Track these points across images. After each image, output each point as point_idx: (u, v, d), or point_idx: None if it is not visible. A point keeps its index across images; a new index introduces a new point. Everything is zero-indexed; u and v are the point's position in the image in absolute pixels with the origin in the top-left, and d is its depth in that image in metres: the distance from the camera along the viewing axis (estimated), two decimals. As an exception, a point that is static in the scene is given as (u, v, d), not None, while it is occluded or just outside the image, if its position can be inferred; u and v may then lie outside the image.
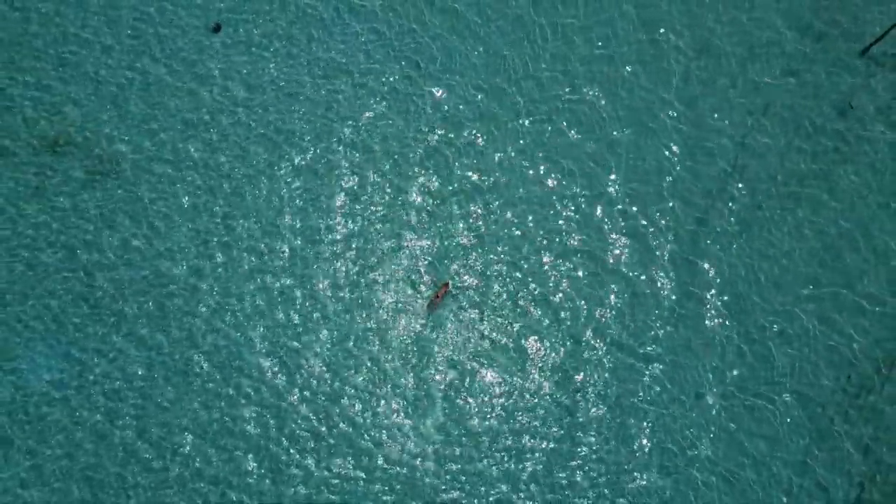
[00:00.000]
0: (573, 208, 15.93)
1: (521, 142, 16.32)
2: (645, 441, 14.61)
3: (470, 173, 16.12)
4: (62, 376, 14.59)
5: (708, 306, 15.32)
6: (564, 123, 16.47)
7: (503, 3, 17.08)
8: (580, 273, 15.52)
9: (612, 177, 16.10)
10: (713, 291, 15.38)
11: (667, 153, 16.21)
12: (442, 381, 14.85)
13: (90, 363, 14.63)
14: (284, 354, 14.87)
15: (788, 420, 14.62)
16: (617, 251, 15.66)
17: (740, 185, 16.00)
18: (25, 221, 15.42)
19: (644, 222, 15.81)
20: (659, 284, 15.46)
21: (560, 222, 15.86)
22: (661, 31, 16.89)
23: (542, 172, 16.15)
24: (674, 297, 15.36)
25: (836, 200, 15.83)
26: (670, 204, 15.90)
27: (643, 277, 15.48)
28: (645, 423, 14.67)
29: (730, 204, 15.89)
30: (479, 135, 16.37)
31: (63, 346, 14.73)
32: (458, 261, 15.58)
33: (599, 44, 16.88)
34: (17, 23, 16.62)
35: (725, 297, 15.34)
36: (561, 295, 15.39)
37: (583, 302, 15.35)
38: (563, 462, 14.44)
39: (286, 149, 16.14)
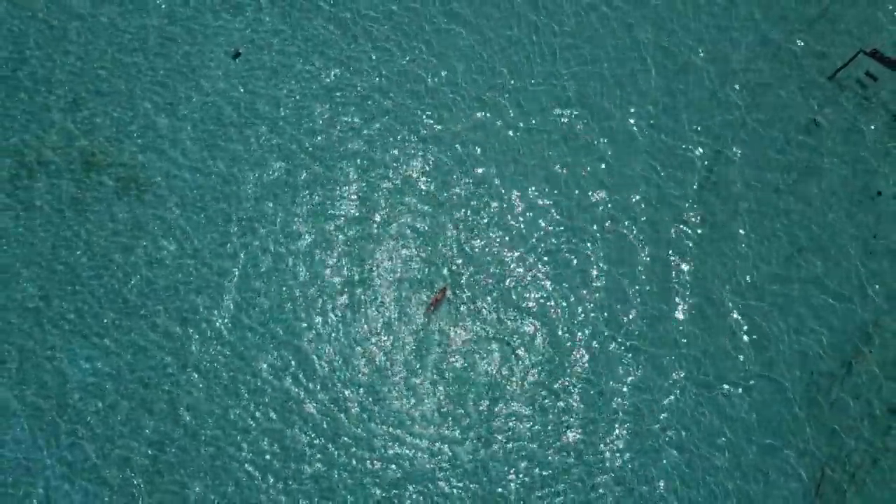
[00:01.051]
0: (563, 212, 17.31)
1: (516, 150, 17.77)
2: (629, 425, 15.90)
3: (468, 180, 17.58)
4: (100, 367, 16.26)
5: (687, 302, 16.62)
6: (556, 133, 17.87)
7: (502, 23, 18.59)
8: (568, 271, 16.88)
9: (600, 182, 17.45)
10: (692, 289, 16.67)
11: (650, 160, 17.55)
12: (440, 369, 16.36)
13: (125, 355, 16.29)
14: (300, 345, 16.48)
15: (761, 407, 15.88)
16: (603, 251, 17.01)
17: (718, 191, 17.28)
18: (64, 230, 17.09)
19: (628, 224, 17.16)
20: (641, 282, 16.77)
21: (551, 226, 17.22)
22: (648, 46, 18.27)
23: (534, 179, 17.55)
24: (655, 293, 16.67)
25: (808, 206, 17.09)
26: (653, 206, 17.23)
27: (627, 275, 16.81)
28: (629, 408, 15.98)
29: (709, 208, 17.18)
30: (477, 143, 17.87)
31: (101, 340, 16.41)
32: (457, 264, 17.06)
33: (588, 60, 18.27)
34: (55, 39, 18.30)
35: (704, 294, 16.62)
36: (552, 291, 16.80)
37: (571, 297, 16.73)
38: (553, 441, 15.84)
39: (303, 158, 17.73)
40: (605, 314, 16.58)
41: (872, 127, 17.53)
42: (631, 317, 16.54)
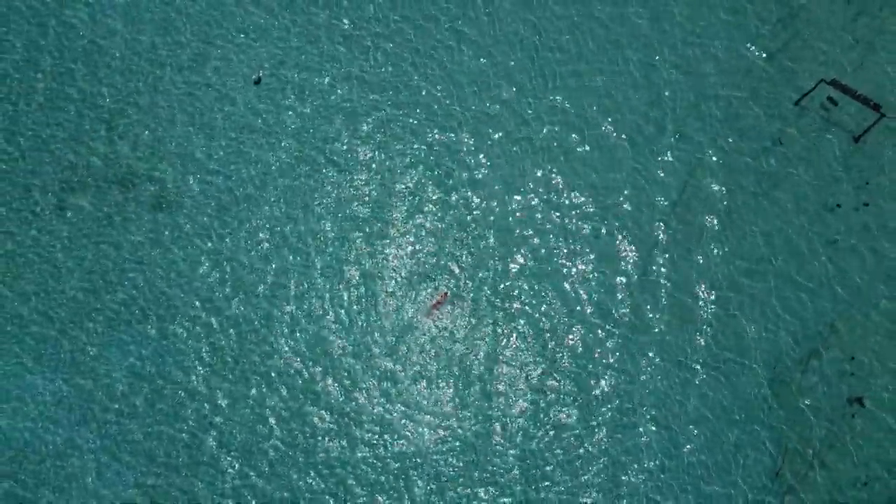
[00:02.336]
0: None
1: (515, 158, 19.59)
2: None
3: (470, 185, 19.36)
4: (141, 355, 17.96)
5: (669, 295, 18.29)
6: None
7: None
8: (560, 269, 18.61)
9: (591, 186, 19.21)
10: (674, 282, 18.36)
11: (636, 166, 19.33)
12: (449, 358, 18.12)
13: (165, 344, 18.03)
14: (317, 335, 18.25)
15: (735, 390, 17.57)
16: (592, 250, 18.76)
17: (698, 195, 19.05)
18: (108, 232, 18.83)
19: (614, 224, 18.95)
20: (626, 276, 18.48)
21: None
22: (636, 64, 20.17)
23: (532, 184, 19.36)
24: (639, 286, 18.37)
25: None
26: (639, 209, 18.98)
27: (614, 271, 18.54)
28: (615, 389, 17.61)
29: (689, 210, 18.94)
30: (480, 151, 19.67)
31: (142, 330, 18.15)
32: (459, 264, 18.85)
33: (582, 76, 20.16)
34: (98, 57, 20.08)
35: (685, 288, 18.32)
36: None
37: (562, 291, 18.43)
38: (544, 418, 17.48)
39: (324, 167, 19.51)
40: (593, 306, 18.32)
41: (834, 145, 19.42)
42: (616, 307, 18.28)
